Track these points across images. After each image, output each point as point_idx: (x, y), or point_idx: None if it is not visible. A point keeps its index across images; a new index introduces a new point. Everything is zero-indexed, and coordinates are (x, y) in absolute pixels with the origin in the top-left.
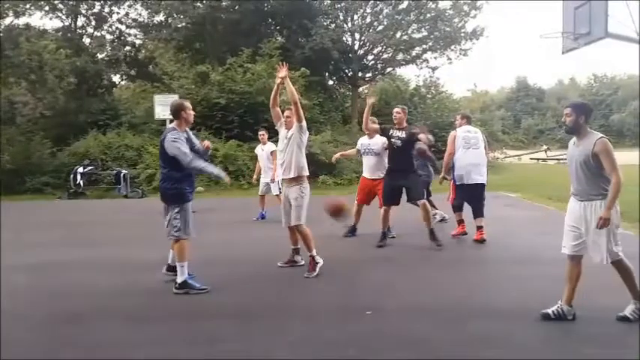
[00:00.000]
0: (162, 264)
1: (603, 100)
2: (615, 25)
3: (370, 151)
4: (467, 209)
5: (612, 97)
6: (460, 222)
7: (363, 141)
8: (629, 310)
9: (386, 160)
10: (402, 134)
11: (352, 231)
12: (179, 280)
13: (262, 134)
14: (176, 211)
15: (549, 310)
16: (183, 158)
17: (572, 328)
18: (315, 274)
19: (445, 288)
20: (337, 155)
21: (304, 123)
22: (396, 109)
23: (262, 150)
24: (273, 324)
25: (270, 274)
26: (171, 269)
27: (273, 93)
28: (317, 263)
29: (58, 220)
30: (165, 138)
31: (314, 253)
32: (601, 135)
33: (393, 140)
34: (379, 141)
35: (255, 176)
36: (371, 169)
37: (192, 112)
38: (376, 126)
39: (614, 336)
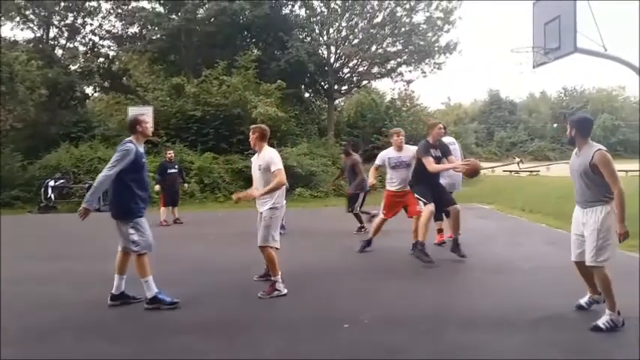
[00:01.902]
0: (136, 279)
1: (573, 113)
2: (584, 40)
3: (402, 164)
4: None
5: (582, 110)
6: (440, 231)
7: (391, 154)
8: (602, 321)
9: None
10: (439, 152)
11: (368, 244)
12: (148, 295)
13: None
14: (130, 226)
15: (581, 302)
16: (106, 171)
17: (559, 335)
18: (267, 297)
19: (420, 298)
20: (373, 181)
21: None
22: (440, 126)
23: None
24: (250, 338)
25: (247, 288)
26: (116, 298)
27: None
28: (276, 290)
29: (28, 234)
30: (121, 147)
31: (278, 279)
32: (599, 147)
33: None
34: (409, 153)
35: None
36: (402, 181)
37: (148, 126)
38: (413, 148)
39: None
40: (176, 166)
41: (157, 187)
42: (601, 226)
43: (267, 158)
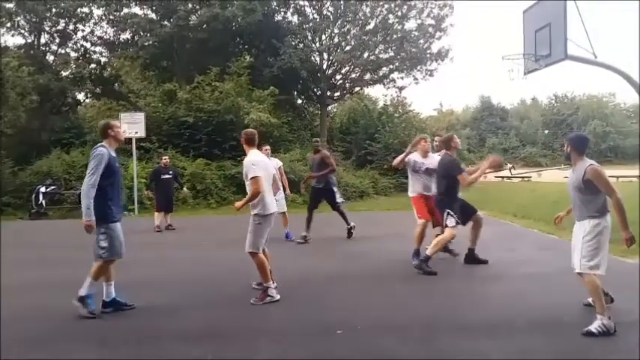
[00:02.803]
0: (126, 286)
1: (564, 119)
2: (574, 47)
3: (427, 170)
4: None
5: (573, 116)
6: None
7: (417, 159)
8: (594, 326)
9: None
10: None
11: (417, 254)
12: (82, 293)
13: (267, 149)
14: (102, 232)
15: (590, 299)
16: (89, 177)
17: (556, 339)
18: (260, 303)
19: (413, 304)
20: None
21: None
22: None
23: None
24: (244, 343)
25: (241, 294)
26: (107, 305)
27: None
28: (268, 296)
29: (19, 241)
30: (94, 152)
31: (270, 285)
32: (590, 162)
33: None
34: (434, 161)
35: None
36: (425, 186)
37: (120, 130)
38: (437, 158)
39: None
40: (170, 172)
41: (146, 192)
42: (589, 235)
43: (246, 165)
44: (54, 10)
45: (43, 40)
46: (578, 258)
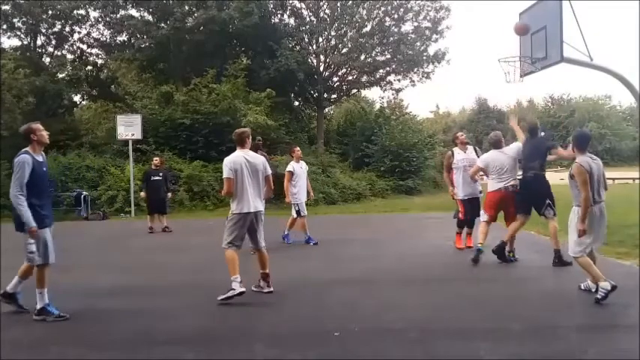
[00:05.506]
0: (120, 289)
1: (560, 122)
2: (570, 50)
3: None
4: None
5: (569, 119)
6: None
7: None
8: (598, 294)
9: None
10: None
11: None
12: (38, 306)
13: (298, 150)
14: (30, 236)
15: (581, 285)
16: (13, 187)
17: (553, 341)
18: (223, 297)
19: (411, 307)
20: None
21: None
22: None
23: (301, 167)
24: (240, 346)
25: (239, 297)
26: (8, 297)
27: None
28: (230, 290)
29: (14, 244)
30: (16, 160)
31: (232, 278)
32: (577, 160)
33: None
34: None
35: (288, 198)
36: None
37: (44, 133)
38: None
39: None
40: (161, 174)
41: (142, 194)
42: (574, 222)
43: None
44: (50, 12)
45: (39, 42)
46: (569, 243)
